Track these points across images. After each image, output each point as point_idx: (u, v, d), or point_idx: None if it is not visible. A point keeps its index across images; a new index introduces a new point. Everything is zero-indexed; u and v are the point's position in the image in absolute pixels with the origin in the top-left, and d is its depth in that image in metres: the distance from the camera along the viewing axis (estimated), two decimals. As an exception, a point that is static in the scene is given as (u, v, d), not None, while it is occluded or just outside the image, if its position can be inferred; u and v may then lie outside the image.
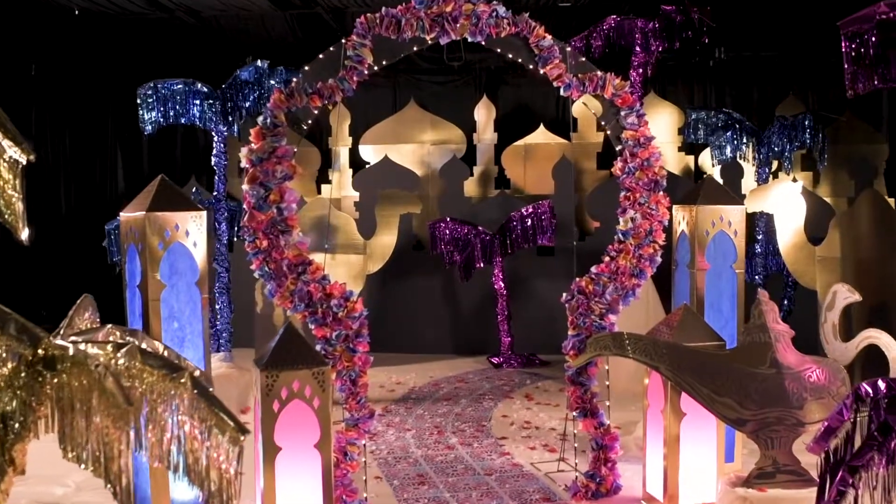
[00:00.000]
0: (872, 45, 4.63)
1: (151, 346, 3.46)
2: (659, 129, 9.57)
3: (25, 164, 2.90)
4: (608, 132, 5.54)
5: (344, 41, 4.97)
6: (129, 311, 4.80)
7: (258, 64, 8.16)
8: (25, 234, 2.88)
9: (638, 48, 9.43)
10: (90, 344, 2.78)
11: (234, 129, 8.39)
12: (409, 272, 10.29)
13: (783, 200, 7.10)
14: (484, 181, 11.21)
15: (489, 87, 12.11)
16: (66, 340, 2.77)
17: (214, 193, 8.66)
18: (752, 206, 7.19)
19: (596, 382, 5.45)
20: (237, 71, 8.32)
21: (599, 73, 5.36)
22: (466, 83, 12.29)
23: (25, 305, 9.45)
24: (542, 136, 11.22)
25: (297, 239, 4.82)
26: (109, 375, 2.53)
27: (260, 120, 4.84)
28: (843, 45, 4.94)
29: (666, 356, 4.72)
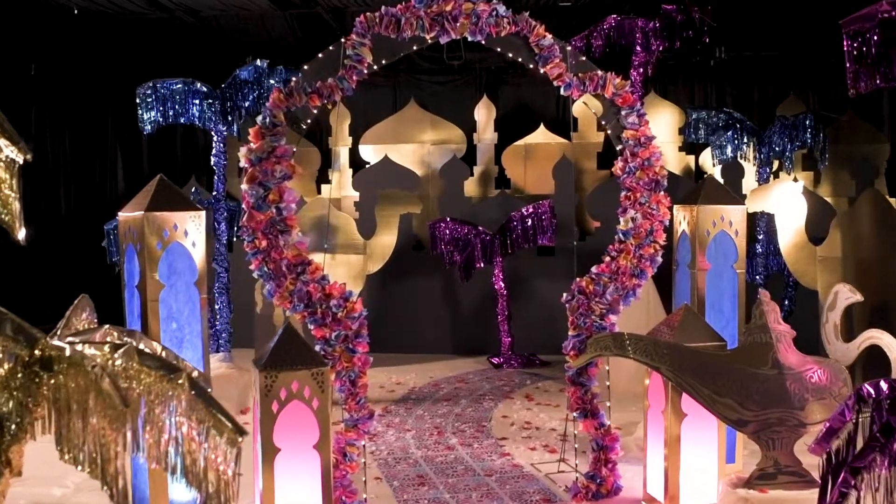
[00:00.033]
0: (874, 43, 4.61)
1: (149, 346, 3.45)
2: (659, 128, 9.55)
3: (22, 163, 2.88)
4: (609, 132, 5.52)
5: (343, 40, 4.95)
6: (127, 311, 4.79)
7: (258, 63, 8.14)
8: (22, 233, 2.87)
9: (638, 48, 9.42)
10: (87, 345, 2.77)
11: (233, 128, 8.38)
12: (409, 272, 10.27)
13: (784, 200, 7.08)
14: (484, 181, 11.19)
15: (489, 86, 12.10)
16: (63, 341, 2.75)
17: (214, 193, 8.65)
18: (752, 205, 7.17)
19: (596, 383, 5.43)
20: (237, 70, 8.30)
21: (600, 72, 5.34)
22: (467, 83, 12.28)
23: (25, 305, 9.47)
24: (542, 135, 11.21)
25: (296, 239, 4.80)
26: (106, 376, 2.51)
27: (259, 119, 4.82)
28: (844, 43, 4.92)
29: (667, 357, 4.70)
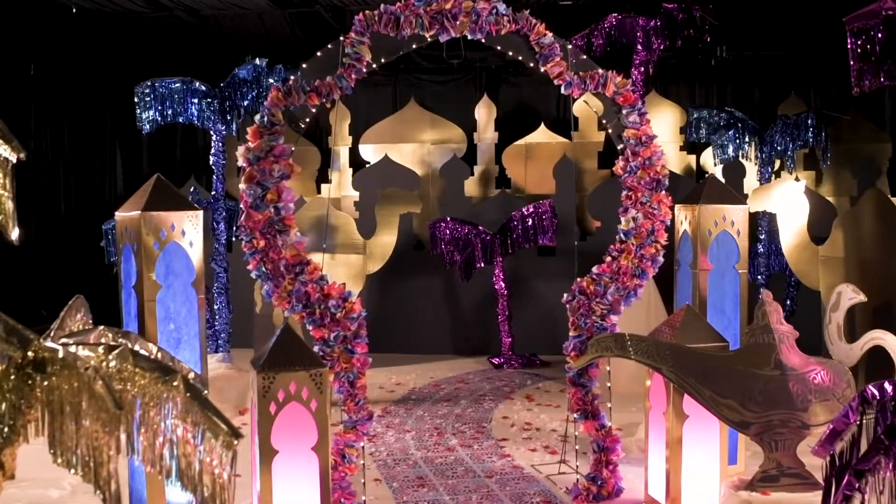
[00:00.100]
0: (879, 41, 4.57)
1: (145, 347, 3.41)
2: (661, 128, 9.50)
3: (16, 162, 2.85)
4: (609, 131, 5.48)
5: (342, 39, 4.91)
6: (124, 312, 4.75)
7: (257, 62, 8.11)
8: (16, 234, 2.83)
9: (639, 46, 9.39)
10: (81, 346, 2.73)
11: (232, 127, 8.34)
12: (409, 272, 10.24)
13: (786, 200, 7.04)
14: (484, 181, 11.16)
15: (490, 86, 12.06)
16: (56, 342, 2.72)
17: (213, 193, 8.62)
18: (754, 205, 7.13)
19: (597, 384, 5.40)
20: (235, 69, 8.27)
21: (600, 71, 5.30)
22: (467, 82, 12.23)
23: (24, 305, 9.45)
24: (542, 135, 11.17)
25: (294, 239, 4.77)
26: (99, 379, 2.47)
27: (257, 118, 4.79)
28: (848, 41, 4.88)
29: (668, 357, 4.66)
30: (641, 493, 5.28)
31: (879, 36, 4.56)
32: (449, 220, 9.71)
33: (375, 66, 4.99)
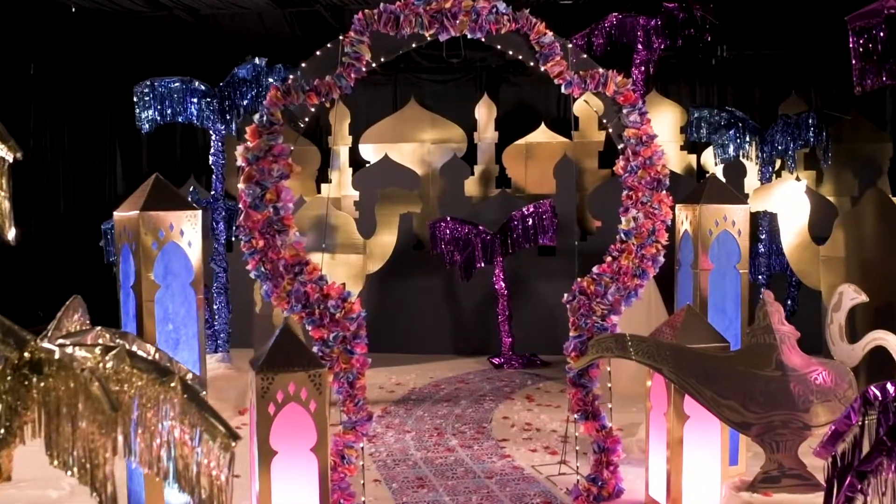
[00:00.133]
0: (881, 40, 4.54)
1: (143, 348, 3.39)
2: (661, 127, 9.48)
3: (12, 161, 2.83)
4: (610, 130, 5.46)
5: (341, 38, 4.89)
6: (122, 312, 4.73)
7: (256, 62, 8.08)
8: (12, 234, 2.81)
9: (640, 46, 9.36)
10: (78, 347, 2.71)
11: (231, 127, 8.32)
12: (409, 272, 10.22)
13: (787, 199, 7.03)
14: (485, 180, 11.14)
15: (490, 85, 12.03)
16: (53, 343, 2.69)
17: (212, 193, 8.60)
18: (755, 205, 7.12)
19: (598, 384, 5.38)
20: (235, 69, 8.25)
21: (601, 70, 5.29)
22: (467, 82, 12.21)
23: (23, 305, 9.43)
24: (543, 134, 11.15)
25: (293, 239, 4.75)
26: (95, 380, 2.45)
27: (256, 118, 4.77)
28: (850, 40, 4.85)
29: (669, 358, 4.64)
30: (642, 494, 5.26)
31: (881, 35, 4.53)
32: (449, 219, 9.69)
33: (375, 65, 4.97)
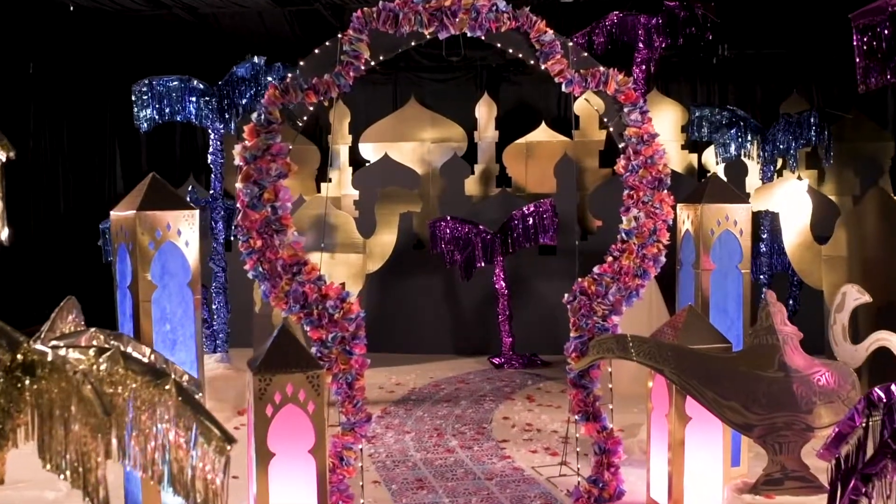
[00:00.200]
0: (885, 38, 4.50)
1: (138, 350, 3.36)
2: (662, 126, 9.43)
3: (6, 160, 2.80)
4: (611, 129, 5.42)
5: (340, 36, 4.85)
6: (119, 312, 4.69)
7: (255, 60, 8.05)
8: (5, 234, 2.79)
9: (641, 44, 9.32)
10: (71, 349, 2.68)
11: (230, 126, 8.29)
12: (409, 272, 10.18)
13: (788, 199, 6.99)
14: (485, 179, 11.10)
15: (490, 84, 11.99)
16: (46, 345, 2.66)
17: (211, 192, 8.57)
18: (756, 204, 7.09)
19: (599, 385, 5.34)
20: (234, 67, 8.21)
21: (602, 68, 5.25)
22: (467, 80, 12.17)
23: (23, 305, 9.40)
24: (543, 133, 11.11)
25: (291, 238, 4.71)
26: (87, 383, 2.42)
27: (254, 116, 4.73)
28: (854, 38, 4.81)
29: (670, 359, 4.61)
30: (643, 495, 5.23)
31: (886, 32, 4.49)
32: (449, 219, 9.66)
33: (374, 63, 4.93)
